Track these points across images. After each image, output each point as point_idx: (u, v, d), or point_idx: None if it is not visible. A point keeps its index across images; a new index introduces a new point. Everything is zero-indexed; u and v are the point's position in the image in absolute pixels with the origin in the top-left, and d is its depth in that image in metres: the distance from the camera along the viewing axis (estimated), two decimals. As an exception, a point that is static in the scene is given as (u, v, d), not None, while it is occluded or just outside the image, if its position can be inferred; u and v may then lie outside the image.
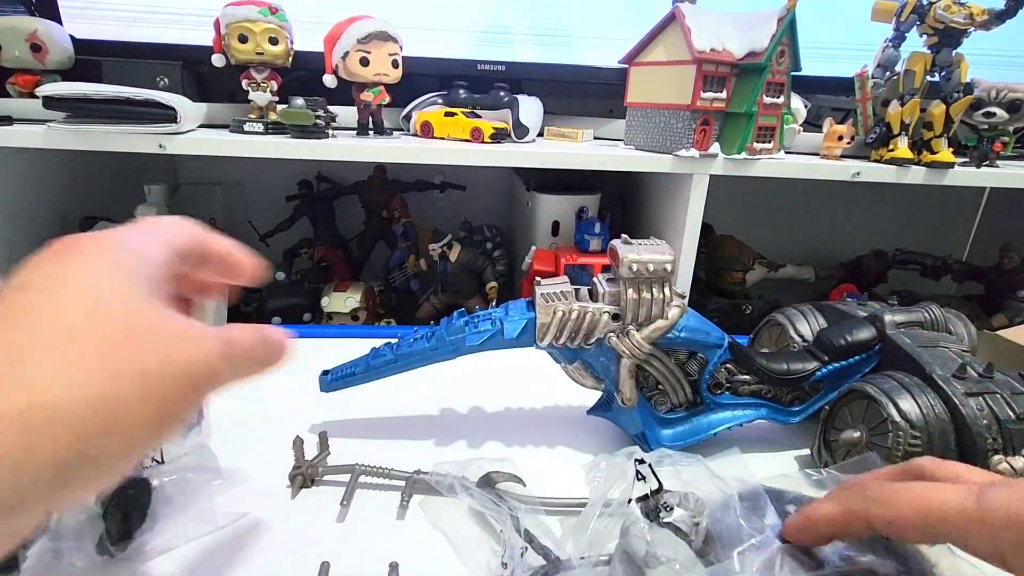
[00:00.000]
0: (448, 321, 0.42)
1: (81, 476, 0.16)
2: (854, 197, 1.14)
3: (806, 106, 0.86)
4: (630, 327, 0.38)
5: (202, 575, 0.34)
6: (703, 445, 0.42)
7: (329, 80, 0.71)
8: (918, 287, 1.01)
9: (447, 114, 0.75)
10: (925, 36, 0.75)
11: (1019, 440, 0.34)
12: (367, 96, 0.72)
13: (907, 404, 0.35)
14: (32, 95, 0.70)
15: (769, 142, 0.72)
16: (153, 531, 0.35)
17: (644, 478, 0.30)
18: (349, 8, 0.72)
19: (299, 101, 0.67)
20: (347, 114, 0.75)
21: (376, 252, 1.00)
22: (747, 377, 0.42)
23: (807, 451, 0.43)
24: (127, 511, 0.34)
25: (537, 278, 0.40)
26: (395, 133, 0.80)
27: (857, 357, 0.42)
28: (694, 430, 0.42)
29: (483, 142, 0.73)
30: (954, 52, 0.75)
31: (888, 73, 0.78)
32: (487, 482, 0.35)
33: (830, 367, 0.42)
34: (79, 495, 0.18)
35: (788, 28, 0.65)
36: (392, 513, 0.37)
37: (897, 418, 0.35)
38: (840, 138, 0.78)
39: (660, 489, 0.29)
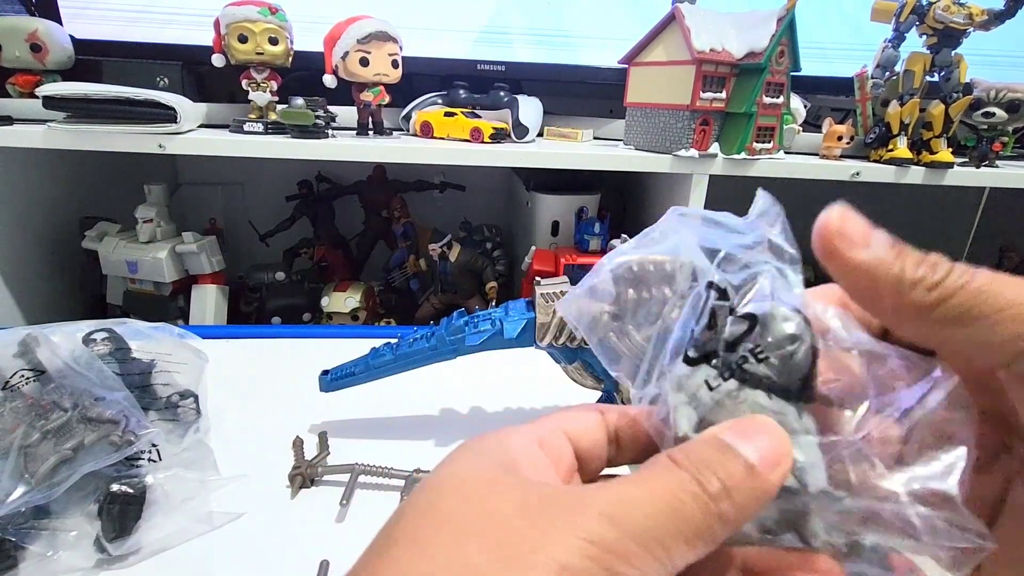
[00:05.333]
0: (448, 321, 0.42)
1: None
2: (854, 197, 1.13)
3: (806, 106, 0.86)
4: (630, 327, 0.38)
5: (203, 573, 0.34)
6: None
7: (329, 80, 0.71)
8: (918, 287, 1.00)
9: (447, 114, 0.75)
10: (924, 36, 0.75)
11: (1018, 440, 0.34)
12: (367, 96, 0.72)
13: (906, 404, 0.35)
14: (32, 95, 0.70)
15: (769, 142, 0.72)
16: (150, 529, 0.35)
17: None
18: (349, 8, 0.72)
19: (299, 101, 0.67)
20: (347, 114, 0.75)
21: (376, 252, 1.00)
22: (747, 377, 0.42)
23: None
24: (123, 509, 0.34)
25: (537, 278, 0.40)
26: (395, 133, 0.80)
27: (857, 357, 0.42)
28: (694, 430, 0.42)
29: (483, 142, 0.73)
30: (953, 52, 0.75)
31: (888, 73, 0.78)
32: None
33: (830, 367, 0.42)
34: None
35: (788, 28, 0.65)
36: (392, 512, 0.37)
37: (896, 418, 0.35)
38: (840, 138, 0.78)
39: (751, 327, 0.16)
